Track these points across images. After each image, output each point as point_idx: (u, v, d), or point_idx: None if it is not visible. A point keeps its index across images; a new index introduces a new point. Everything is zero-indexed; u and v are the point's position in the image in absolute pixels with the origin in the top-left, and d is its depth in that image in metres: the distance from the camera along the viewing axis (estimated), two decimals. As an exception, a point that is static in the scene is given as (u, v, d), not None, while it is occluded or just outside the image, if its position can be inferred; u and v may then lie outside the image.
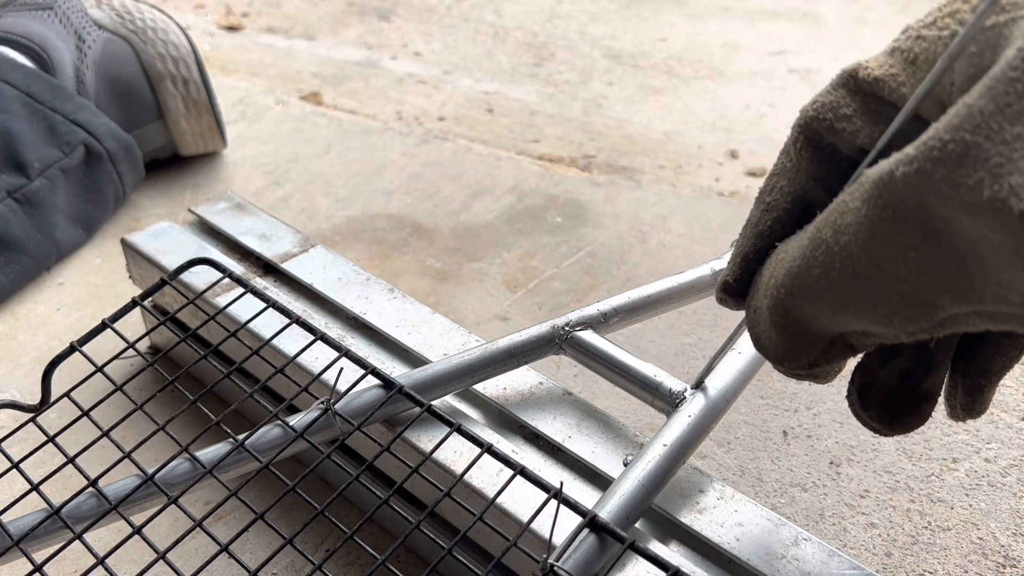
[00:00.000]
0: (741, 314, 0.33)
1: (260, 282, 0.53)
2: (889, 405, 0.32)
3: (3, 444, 0.39)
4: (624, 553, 0.33)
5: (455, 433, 0.37)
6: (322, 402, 0.40)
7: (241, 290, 0.44)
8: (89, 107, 0.69)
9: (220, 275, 0.45)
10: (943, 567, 0.46)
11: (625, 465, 0.39)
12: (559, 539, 0.34)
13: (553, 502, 0.34)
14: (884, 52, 0.29)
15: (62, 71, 0.70)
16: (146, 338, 0.59)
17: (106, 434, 0.38)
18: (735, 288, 0.32)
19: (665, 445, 0.38)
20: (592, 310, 0.45)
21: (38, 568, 0.34)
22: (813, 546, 0.37)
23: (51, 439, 0.39)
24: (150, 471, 0.37)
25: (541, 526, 0.37)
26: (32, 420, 0.40)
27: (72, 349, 0.41)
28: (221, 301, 0.49)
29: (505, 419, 0.44)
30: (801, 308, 0.28)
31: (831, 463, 0.51)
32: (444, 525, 0.43)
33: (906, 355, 0.32)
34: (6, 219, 0.63)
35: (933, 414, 0.33)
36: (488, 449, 0.37)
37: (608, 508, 0.36)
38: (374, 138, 0.85)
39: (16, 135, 0.65)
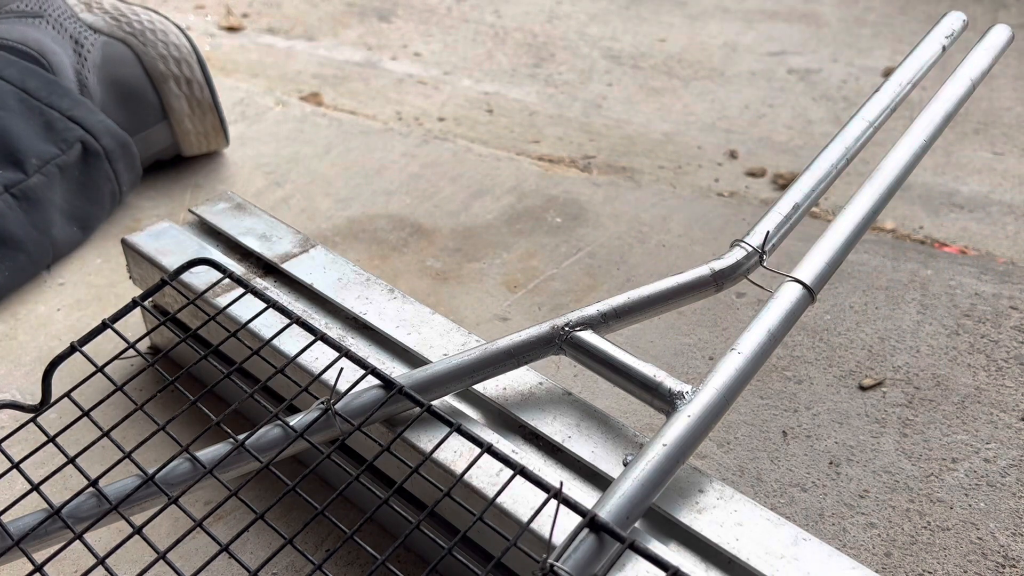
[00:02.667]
0: (740, 314, 0.33)
1: (260, 282, 0.53)
2: None
3: (3, 444, 0.39)
4: (624, 553, 0.33)
5: (455, 433, 0.37)
6: (322, 402, 0.40)
7: (241, 290, 0.44)
8: (86, 104, 0.69)
9: (220, 275, 0.45)
10: (942, 567, 0.46)
11: (625, 465, 0.39)
12: (559, 539, 0.34)
13: (553, 502, 0.34)
14: None
15: (63, 75, 0.69)
16: (146, 338, 0.59)
17: (106, 434, 0.38)
18: None
19: (665, 445, 0.38)
20: (592, 310, 0.45)
21: (38, 568, 0.34)
22: (813, 546, 0.37)
23: (51, 439, 0.39)
24: (150, 471, 0.37)
25: (541, 526, 0.37)
26: (32, 420, 0.40)
27: (72, 349, 0.41)
28: (221, 301, 0.49)
29: (505, 419, 0.44)
30: None
31: (830, 463, 0.51)
32: (444, 525, 0.43)
33: None
34: (3, 215, 0.62)
35: (932, 413, 0.32)
36: (488, 449, 0.37)
37: (608, 508, 0.36)
38: (374, 138, 0.85)
39: (12, 131, 0.64)
